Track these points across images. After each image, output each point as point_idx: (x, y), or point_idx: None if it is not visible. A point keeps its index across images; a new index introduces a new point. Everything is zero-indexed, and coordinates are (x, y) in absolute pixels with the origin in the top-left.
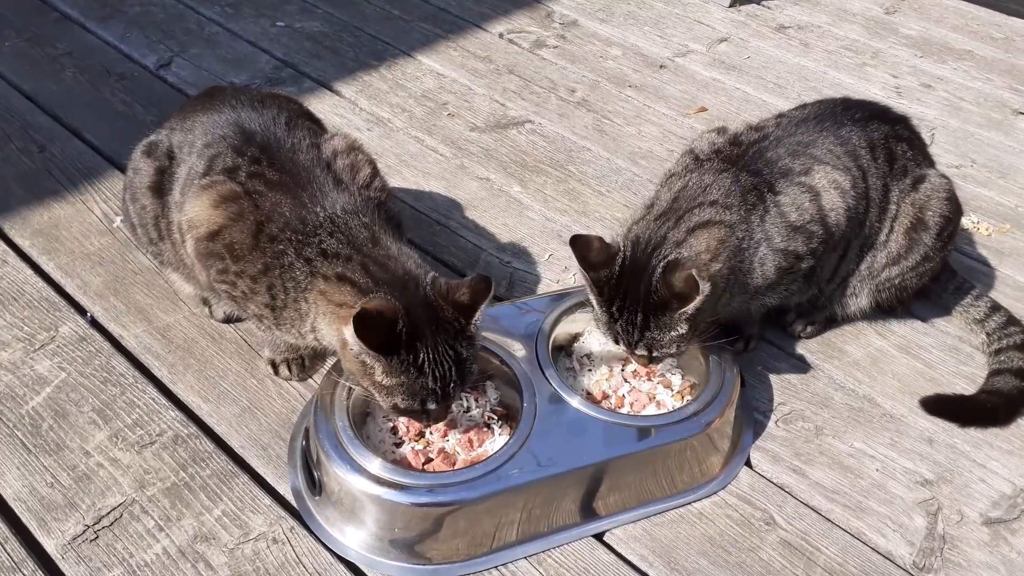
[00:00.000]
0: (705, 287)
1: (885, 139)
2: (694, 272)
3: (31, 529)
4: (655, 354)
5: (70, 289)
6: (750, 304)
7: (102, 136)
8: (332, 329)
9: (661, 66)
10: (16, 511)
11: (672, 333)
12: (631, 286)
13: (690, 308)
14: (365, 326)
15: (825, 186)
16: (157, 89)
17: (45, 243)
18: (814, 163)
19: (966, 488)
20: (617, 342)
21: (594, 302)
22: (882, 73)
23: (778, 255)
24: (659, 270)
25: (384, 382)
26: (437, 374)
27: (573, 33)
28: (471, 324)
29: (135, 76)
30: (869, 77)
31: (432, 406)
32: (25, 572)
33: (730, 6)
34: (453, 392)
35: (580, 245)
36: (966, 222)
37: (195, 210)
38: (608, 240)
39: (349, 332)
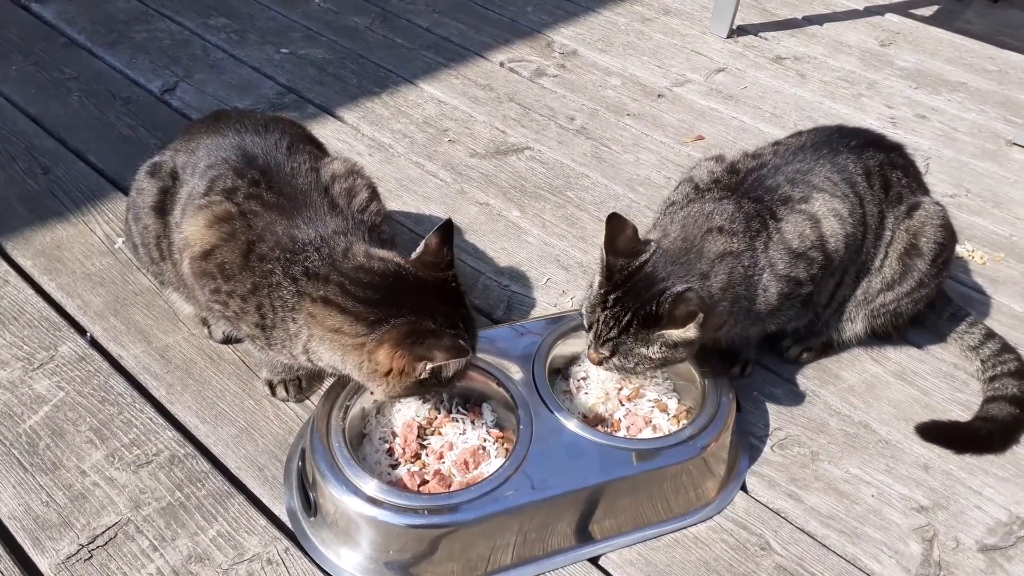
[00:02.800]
0: (693, 331)
1: (880, 166)
2: (700, 315)
3: (25, 548)
4: (614, 359)
5: (70, 309)
6: (750, 329)
7: (106, 159)
8: (337, 355)
9: (659, 95)
10: (11, 529)
11: (642, 349)
12: (640, 288)
13: (672, 335)
14: (449, 348)
15: (825, 213)
16: (162, 113)
17: (47, 263)
18: (813, 191)
19: (962, 515)
20: (589, 328)
21: (595, 282)
22: (877, 104)
23: (781, 281)
24: (675, 290)
25: (444, 375)
26: (469, 332)
27: (573, 62)
28: (454, 268)
29: (140, 100)
30: (864, 107)
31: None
32: None
33: (728, 37)
34: (475, 341)
35: (613, 225)
36: (961, 250)
37: (190, 229)
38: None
39: (422, 367)
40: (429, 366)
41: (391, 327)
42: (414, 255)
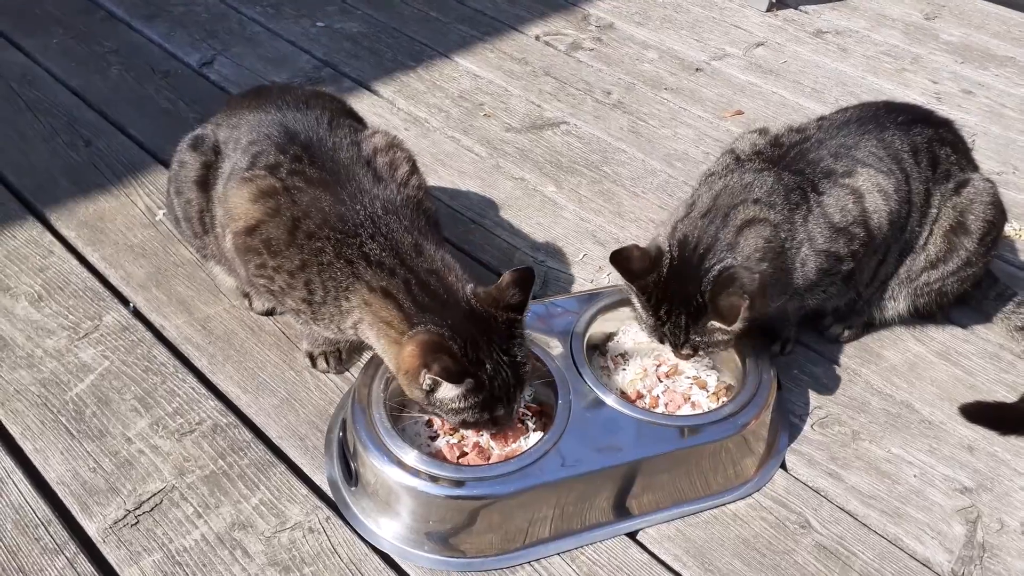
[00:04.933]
0: (743, 318)
1: (928, 143)
2: (743, 302)
3: (73, 512)
4: (700, 352)
5: (114, 280)
6: (788, 305)
7: (146, 132)
8: (381, 343)
9: (697, 69)
10: (59, 494)
11: (715, 337)
12: (679, 289)
13: (732, 328)
14: (449, 372)
15: (869, 188)
16: (200, 87)
17: (90, 235)
18: (857, 165)
19: (1007, 496)
20: (663, 342)
21: (640, 308)
22: (922, 79)
23: (820, 256)
24: (711, 276)
25: (455, 406)
26: (499, 384)
27: (609, 36)
28: (523, 318)
29: (179, 74)
30: (908, 83)
31: (500, 413)
32: (67, 554)
33: (767, 11)
34: (515, 395)
35: (621, 259)
36: (1008, 229)
37: (234, 201)
38: (645, 244)
39: (424, 375)
40: (427, 377)
41: (425, 330)
42: (482, 291)
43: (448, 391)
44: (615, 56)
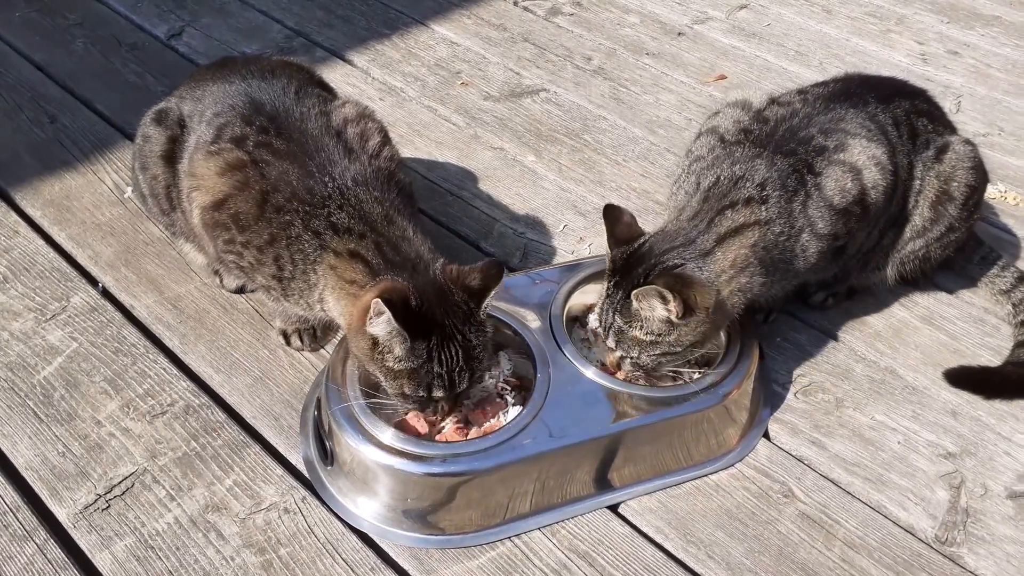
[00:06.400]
0: (661, 310)
1: (907, 115)
2: (674, 297)
3: (43, 498)
4: (619, 352)
5: (81, 260)
6: (787, 287)
7: (113, 107)
8: (340, 305)
9: (679, 33)
10: (28, 480)
11: (633, 332)
12: (634, 266)
13: (647, 313)
14: (395, 305)
15: (865, 162)
16: (168, 59)
17: (56, 214)
18: (847, 137)
19: (991, 461)
20: (600, 323)
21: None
22: (907, 40)
23: (822, 240)
24: (666, 264)
25: (393, 366)
26: (444, 358)
27: (589, 0)
28: (481, 310)
29: (146, 46)
30: (893, 44)
31: (439, 394)
32: (37, 540)
33: None
34: (459, 380)
35: (611, 216)
36: (993, 191)
37: (201, 173)
38: (642, 226)
39: (376, 309)
40: (373, 308)
41: (391, 279)
42: (454, 267)
43: (383, 327)
44: (595, 21)
